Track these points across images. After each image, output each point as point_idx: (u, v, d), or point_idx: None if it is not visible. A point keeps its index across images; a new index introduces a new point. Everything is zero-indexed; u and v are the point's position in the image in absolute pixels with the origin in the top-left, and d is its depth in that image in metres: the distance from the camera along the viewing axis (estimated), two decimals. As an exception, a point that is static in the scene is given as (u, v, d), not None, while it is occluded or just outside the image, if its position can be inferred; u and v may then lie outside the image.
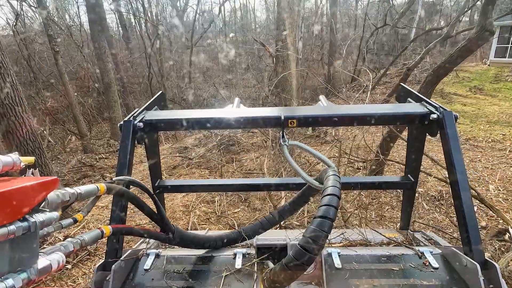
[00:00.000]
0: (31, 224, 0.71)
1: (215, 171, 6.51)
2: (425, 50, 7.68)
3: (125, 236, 1.44)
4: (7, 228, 0.66)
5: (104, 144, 11.54)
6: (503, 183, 4.62)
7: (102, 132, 13.44)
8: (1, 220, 0.66)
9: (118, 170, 1.40)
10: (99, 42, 10.52)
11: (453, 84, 14.60)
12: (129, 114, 1.52)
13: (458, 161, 1.29)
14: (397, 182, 1.87)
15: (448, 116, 1.35)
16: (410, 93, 1.69)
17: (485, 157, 5.82)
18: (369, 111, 1.52)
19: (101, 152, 10.56)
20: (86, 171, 8.69)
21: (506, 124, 7.89)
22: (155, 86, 15.17)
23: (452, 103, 11.08)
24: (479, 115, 9.03)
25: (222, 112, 1.58)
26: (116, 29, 25.41)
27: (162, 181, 1.87)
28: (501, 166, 5.28)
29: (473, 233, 1.19)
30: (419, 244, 1.52)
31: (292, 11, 7.26)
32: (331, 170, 1.12)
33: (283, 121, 1.42)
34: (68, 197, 0.84)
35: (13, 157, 0.83)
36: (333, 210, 0.92)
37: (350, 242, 1.54)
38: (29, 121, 3.78)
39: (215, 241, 1.42)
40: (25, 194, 0.71)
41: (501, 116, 8.68)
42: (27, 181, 0.74)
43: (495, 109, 9.52)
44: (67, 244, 0.87)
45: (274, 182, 1.95)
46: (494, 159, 5.64)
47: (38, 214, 0.75)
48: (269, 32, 23.17)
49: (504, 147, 6.27)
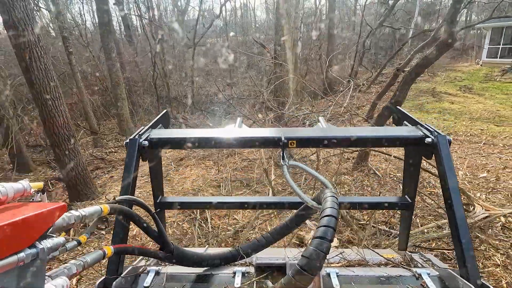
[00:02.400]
0: (39, 251, 0.73)
1: (219, 163, 7.16)
2: (413, 51, 8.32)
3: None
4: (17, 256, 0.68)
5: (112, 139, 12.21)
6: (471, 169, 5.28)
7: (110, 128, 14.11)
8: (12, 248, 0.67)
9: (122, 188, 1.42)
10: (108, 43, 11.16)
11: (445, 83, 15.23)
12: (135, 132, 1.58)
13: (453, 184, 1.31)
14: (394, 202, 1.88)
15: (442, 140, 1.39)
16: (406, 116, 1.74)
17: (461, 148, 6.48)
18: (367, 133, 1.57)
19: (110, 147, 11.23)
20: (98, 163, 9.36)
21: (486, 120, 8.55)
22: (159, 85, 15.81)
23: (441, 101, 11.71)
24: (463, 112, 9.68)
25: (224, 132, 1.63)
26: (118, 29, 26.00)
27: (164, 197, 1.90)
28: (473, 156, 5.94)
29: (468, 255, 1.20)
30: (417, 266, 1.53)
31: (290, 17, 7.82)
32: (329, 191, 1.16)
33: (283, 142, 1.46)
34: (73, 220, 0.86)
35: (24, 183, 0.85)
36: (331, 231, 0.94)
37: (348, 262, 1.56)
38: (65, 113, 4.46)
39: (214, 260, 1.46)
40: (35, 222, 0.73)
41: (483, 113, 9.34)
42: (37, 208, 0.76)
43: (479, 107, 10.17)
44: (71, 266, 0.87)
45: (275, 201, 2.02)
46: (469, 150, 6.30)
47: (46, 240, 0.77)
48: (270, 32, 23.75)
49: (480, 140, 6.93)
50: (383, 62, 21.29)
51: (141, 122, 14.87)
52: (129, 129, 12.42)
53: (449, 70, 18.34)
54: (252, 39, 20.22)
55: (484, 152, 6.13)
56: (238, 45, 24.22)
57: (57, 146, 4.54)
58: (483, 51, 19.38)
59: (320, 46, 19.37)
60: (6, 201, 0.77)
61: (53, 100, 4.19)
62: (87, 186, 5.11)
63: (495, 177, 4.85)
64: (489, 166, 5.36)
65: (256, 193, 5.07)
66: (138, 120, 14.92)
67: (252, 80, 12.76)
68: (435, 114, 9.87)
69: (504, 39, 18.38)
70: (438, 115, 9.68)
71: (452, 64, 20.78)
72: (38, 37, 3.90)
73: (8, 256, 0.66)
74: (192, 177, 6.42)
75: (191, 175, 6.55)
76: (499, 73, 15.48)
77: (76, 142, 4.74)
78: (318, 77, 17.87)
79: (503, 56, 18.20)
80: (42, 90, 4.05)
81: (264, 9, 33.62)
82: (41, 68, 4.00)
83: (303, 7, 24.00)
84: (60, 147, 4.53)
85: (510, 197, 4.18)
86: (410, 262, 1.62)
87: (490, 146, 6.45)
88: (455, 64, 20.76)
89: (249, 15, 35.56)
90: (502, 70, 15.71)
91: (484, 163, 5.51)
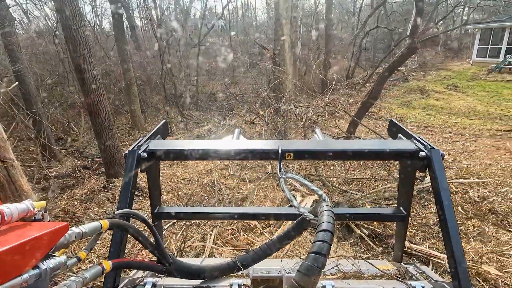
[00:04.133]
0: (42, 271, 0.75)
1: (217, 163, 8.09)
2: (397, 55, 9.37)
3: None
4: (21, 277, 0.69)
5: (126, 134, 13.36)
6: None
7: (122, 124, 15.26)
8: (17, 270, 0.68)
9: (119, 201, 1.42)
10: (122, 45, 12.25)
11: (434, 82, 16.21)
12: (134, 143, 1.60)
13: (446, 197, 1.32)
14: (389, 214, 1.91)
15: (435, 154, 1.40)
16: (401, 129, 1.75)
17: (434, 138, 7.55)
18: (362, 146, 1.58)
19: (124, 140, 12.39)
20: (115, 153, 10.49)
21: (462, 115, 9.60)
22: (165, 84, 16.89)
23: (428, 98, 12.73)
24: (444, 108, 10.73)
25: (222, 143, 1.66)
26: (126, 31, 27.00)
27: (161, 208, 1.90)
28: (441, 143, 7.01)
29: (461, 267, 1.21)
30: (412, 278, 1.56)
31: (289, 16, 8.62)
32: (325, 204, 1.16)
33: (280, 154, 1.47)
34: (74, 238, 0.87)
35: (27, 203, 0.86)
36: (327, 246, 0.95)
37: (344, 274, 1.57)
38: (107, 107, 5.59)
39: (212, 271, 1.48)
40: (39, 244, 0.74)
41: (461, 108, 10.38)
42: (40, 229, 0.77)
43: (460, 103, 11.21)
44: (71, 284, 0.87)
45: (272, 212, 2.05)
46: (439, 140, 7.36)
47: (49, 260, 0.79)
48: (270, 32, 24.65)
49: (452, 131, 8.00)
50: (379, 61, 22.26)
51: (150, 118, 15.99)
52: (140, 125, 13.54)
53: (441, 69, 19.32)
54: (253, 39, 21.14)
55: (451, 140, 7.20)
56: (239, 44, 25.19)
57: (100, 132, 5.64)
58: (473, 51, 20.34)
59: (319, 46, 20.27)
60: (11, 221, 0.79)
61: (98, 97, 5.32)
62: (121, 166, 6.24)
63: (453, 158, 5.92)
64: (451, 151, 6.43)
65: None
66: (147, 117, 16.05)
67: (254, 79, 13.80)
68: (419, 110, 10.93)
69: (493, 40, 19.34)
70: (422, 111, 10.73)
71: (445, 63, 21.75)
72: (89, 48, 5.01)
73: (13, 278, 0.67)
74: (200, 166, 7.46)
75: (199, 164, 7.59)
76: (485, 72, 16.45)
77: (113, 130, 5.89)
78: (316, 76, 18.80)
79: (491, 56, 19.14)
80: (89, 89, 5.18)
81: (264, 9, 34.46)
82: (90, 71, 5.11)
83: (302, 7, 24.90)
84: (102, 132, 5.63)
85: (460, 172, 5.24)
86: (405, 275, 1.64)
87: (458, 135, 7.52)
88: (447, 63, 21.73)
89: (250, 14, 36.39)
90: (489, 69, 16.70)
91: (449, 149, 6.58)
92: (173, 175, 6.60)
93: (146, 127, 13.75)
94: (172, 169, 7.13)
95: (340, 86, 15.96)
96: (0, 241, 0.67)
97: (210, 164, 6.78)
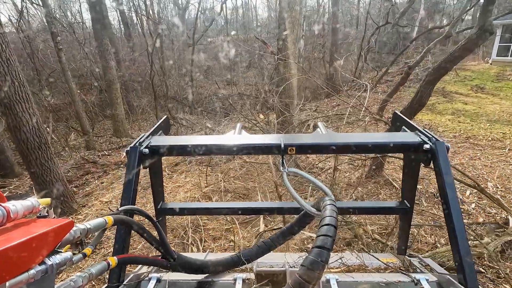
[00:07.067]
0: (48, 267, 0.75)
1: (217, 168, 6.57)
2: (426, 49, 7.72)
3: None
4: (28, 273, 0.70)
5: (106, 141, 11.63)
6: (502, 180, 4.67)
7: (104, 129, 13.53)
8: (24, 266, 0.69)
9: (123, 198, 1.42)
10: (102, 40, 10.59)
11: (454, 83, 14.60)
12: (135, 140, 1.58)
13: (451, 190, 1.31)
14: (393, 207, 1.91)
15: (440, 147, 1.38)
16: (405, 121, 1.74)
17: (485, 155, 5.86)
18: (365, 140, 1.57)
19: (104, 149, 10.64)
20: (89, 167, 8.77)
21: (506, 123, 7.91)
22: (157, 84, 15.24)
23: (453, 101, 11.09)
24: (479, 113, 9.05)
25: (224, 138, 1.66)
26: (118, 27, 25.53)
27: (165, 203, 1.92)
28: (500, 164, 5.32)
29: (466, 261, 1.21)
30: (416, 271, 1.55)
31: (293, 10, 7.29)
32: (328, 198, 1.16)
33: (283, 148, 1.46)
34: (79, 234, 0.87)
35: (32, 200, 0.87)
36: (330, 240, 0.95)
37: (347, 267, 1.56)
38: (35, 117, 3.86)
39: (216, 266, 1.47)
40: (45, 240, 0.74)
41: (501, 115, 8.70)
42: (46, 225, 0.77)
43: (496, 107, 9.53)
44: (77, 279, 0.89)
45: (274, 206, 2.04)
46: (494, 157, 5.67)
47: (55, 256, 0.79)
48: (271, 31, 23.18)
49: (504, 145, 6.30)
50: (387, 60, 20.68)
51: (137, 123, 14.31)
52: (124, 130, 11.84)
53: (458, 69, 17.68)
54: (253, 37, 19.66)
55: (510, 159, 5.50)
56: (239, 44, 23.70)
57: (26, 157, 3.91)
58: (493, 49, 18.72)
59: (323, 45, 18.79)
60: (16, 218, 0.79)
61: (18, 102, 3.59)
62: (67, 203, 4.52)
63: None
64: (520, 177, 4.76)
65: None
66: (134, 121, 14.31)
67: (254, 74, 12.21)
68: (448, 116, 9.24)
69: (516, 37, 17.72)
70: (452, 117, 9.04)
71: (461, 63, 20.13)
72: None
73: (20, 274, 0.68)
74: (187, 185, 5.84)
75: (186, 183, 5.97)
76: (511, 71, 14.84)
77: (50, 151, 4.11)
78: (320, 76, 17.28)
79: (514, 55, 17.54)
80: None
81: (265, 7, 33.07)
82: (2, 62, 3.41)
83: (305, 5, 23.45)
84: (30, 157, 3.88)
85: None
86: (409, 267, 1.63)
87: (516, 152, 5.83)
88: (463, 63, 20.09)
89: (251, 13, 35.06)
90: (515, 69, 15.07)
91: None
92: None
93: (130, 133, 12.05)
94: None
95: (347, 87, 14.54)
96: (8, 238, 0.68)
97: (190, 192, 5.09)
